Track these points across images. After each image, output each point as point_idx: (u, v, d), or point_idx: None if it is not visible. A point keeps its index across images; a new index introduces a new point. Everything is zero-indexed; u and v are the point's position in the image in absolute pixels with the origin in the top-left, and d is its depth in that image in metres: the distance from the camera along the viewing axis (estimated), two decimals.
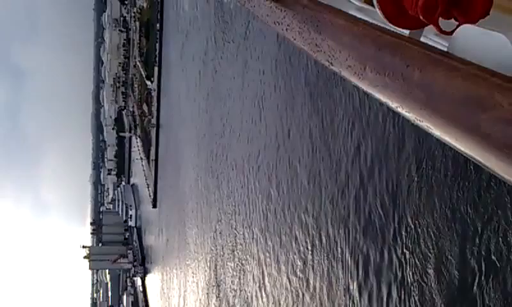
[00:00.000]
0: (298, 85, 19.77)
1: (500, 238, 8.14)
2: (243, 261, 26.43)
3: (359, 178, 13.27)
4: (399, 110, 0.82)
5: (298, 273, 17.46)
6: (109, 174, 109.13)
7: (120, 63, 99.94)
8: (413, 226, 10.44)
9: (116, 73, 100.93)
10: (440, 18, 1.76)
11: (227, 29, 34.78)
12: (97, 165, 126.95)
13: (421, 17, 1.80)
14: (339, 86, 15.13)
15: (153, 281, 67.48)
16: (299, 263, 17.44)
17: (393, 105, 0.83)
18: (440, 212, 9.59)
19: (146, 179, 69.50)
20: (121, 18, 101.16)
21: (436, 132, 0.73)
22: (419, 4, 1.78)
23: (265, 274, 21.91)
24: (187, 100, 48.95)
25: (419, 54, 0.89)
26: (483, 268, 8.53)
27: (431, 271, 9.78)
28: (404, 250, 10.71)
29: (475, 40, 1.36)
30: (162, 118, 65.85)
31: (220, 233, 32.93)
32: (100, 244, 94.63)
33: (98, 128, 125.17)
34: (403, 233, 10.85)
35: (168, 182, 58.85)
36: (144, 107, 77.96)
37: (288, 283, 18.53)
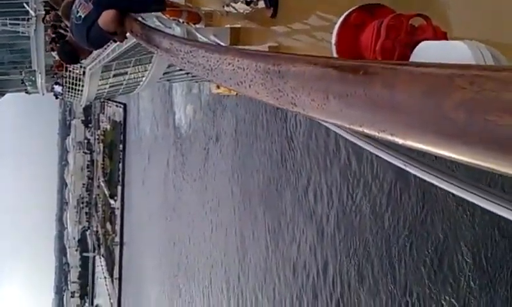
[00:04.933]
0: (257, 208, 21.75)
1: None
2: None
3: None
4: (363, 129, 0.91)
5: None
6: (72, 296, 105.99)
7: (83, 184, 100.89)
8: None
9: (80, 194, 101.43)
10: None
11: (186, 149, 37.07)
12: (60, 289, 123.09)
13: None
14: None
15: None
16: None
17: (357, 126, 0.93)
18: None
19: (109, 298, 68.63)
20: (85, 141, 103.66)
21: (399, 138, 0.79)
22: (377, 50, 1.83)
23: None
24: (150, 217, 50.08)
25: (381, 69, 0.92)
26: None
27: None
28: None
29: (435, 50, 1.49)
30: (126, 235, 66.05)
31: None
32: None
33: (61, 251, 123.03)
34: None
35: (132, 300, 58.45)
36: (108, 226, 78.20)
37: None
